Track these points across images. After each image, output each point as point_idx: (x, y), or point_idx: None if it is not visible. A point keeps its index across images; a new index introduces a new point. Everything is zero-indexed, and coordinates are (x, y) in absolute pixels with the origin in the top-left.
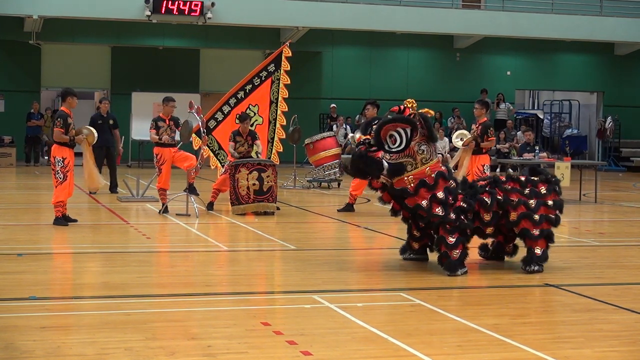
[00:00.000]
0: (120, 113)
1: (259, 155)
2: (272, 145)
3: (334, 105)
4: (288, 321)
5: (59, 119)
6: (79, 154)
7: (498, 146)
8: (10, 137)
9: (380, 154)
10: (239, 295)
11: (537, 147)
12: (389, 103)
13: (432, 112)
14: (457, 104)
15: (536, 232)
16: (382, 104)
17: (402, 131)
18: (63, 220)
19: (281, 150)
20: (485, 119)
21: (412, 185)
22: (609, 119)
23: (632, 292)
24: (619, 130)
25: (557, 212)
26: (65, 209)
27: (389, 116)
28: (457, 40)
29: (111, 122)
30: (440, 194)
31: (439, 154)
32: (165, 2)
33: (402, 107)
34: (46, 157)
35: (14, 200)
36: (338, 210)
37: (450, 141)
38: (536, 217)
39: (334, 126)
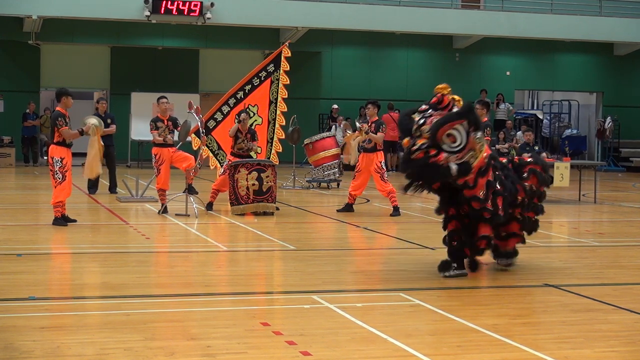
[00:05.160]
0: (119, 113)
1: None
2: (271, 146)
3: (337, 107)
4: (287, 321)
5: (59, 119)
6: (76, 154)
7: (497, 146)
8: (9, 137)
9: (443, 156)
10: (239, 296)
11: (536, 147)
12: (388, 103)
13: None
14: None
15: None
16: (381, 104)
17: (460, 127)
18: (62, 220)
19: (280, 150)
20: (486, 119)
21: (472, 176)
22: (608, 119)
23: (631, 293)
24: (619, 130)
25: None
26: (65, 209)
27: (428, 112)
28: (456, 40)
29: (109, 121)
30: (491, 181)
31: None
32: (164, 2)
33: (439, 96)
34: (45, 157)
35: (13, 201)
36: (337, 211)
37: None
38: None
39: (334, 127)
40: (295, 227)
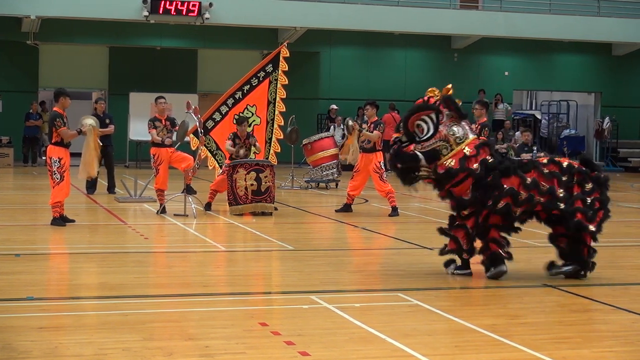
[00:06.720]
0: (117, 113)
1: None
2: (269, 146)
3: (336, 107)
4: (286, 322)
5: (57, 120)
6: (74, 154)
7: (496, 146)
8: (7, 137)
9: (412, 146)
10: (237, 296)
11: (534, 148)
12: (387, 103)
13: (450, 88)
14: None
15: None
16: (380, 105)
17: (427, 118)
18: (60, 220)
19: (279, 150)
20: (485, 119)
21: (452, 164)
22: (606, 120)
23: (629, 293)
24: (617, 130)
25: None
26: (63, 209)
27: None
28: (454, 40)
29: (107, 121)
30: (476, 166)
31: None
32: (163, 2)
33: (425, 97)
34: (43, 158)
35: (11, 201)
36: (336, 211)
37: None
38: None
39: (332, 127)
40: (294, 228)
